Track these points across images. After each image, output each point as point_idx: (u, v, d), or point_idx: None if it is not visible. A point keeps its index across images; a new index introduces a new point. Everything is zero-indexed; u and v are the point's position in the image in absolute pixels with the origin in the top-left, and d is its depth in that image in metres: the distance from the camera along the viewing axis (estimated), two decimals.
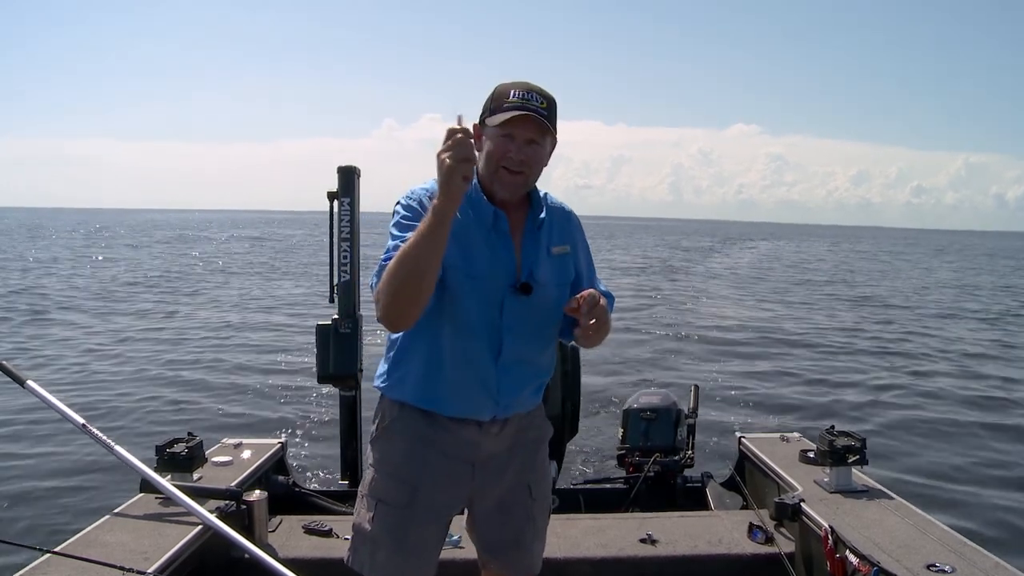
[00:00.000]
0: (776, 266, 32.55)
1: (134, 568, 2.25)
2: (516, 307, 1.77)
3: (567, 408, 3.79)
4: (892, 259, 46.24)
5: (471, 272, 1.76)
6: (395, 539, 1.87)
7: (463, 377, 1.82)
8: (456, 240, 1.67)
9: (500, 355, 1.80)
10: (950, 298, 21.07)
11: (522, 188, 1.80)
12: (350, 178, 3.82)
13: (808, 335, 13.12)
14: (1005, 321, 15.94)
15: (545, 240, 1.85)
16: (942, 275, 31.95)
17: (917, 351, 11.66)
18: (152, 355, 10.76)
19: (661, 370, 9.87)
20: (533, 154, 1.75)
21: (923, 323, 14.88)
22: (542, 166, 1.81)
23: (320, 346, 3.72)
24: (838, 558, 2.47)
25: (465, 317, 1.77)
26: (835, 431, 3.20)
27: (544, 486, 2.05)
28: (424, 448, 1.87)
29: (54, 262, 28.55)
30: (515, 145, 1.73)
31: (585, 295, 1.68)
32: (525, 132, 1.72)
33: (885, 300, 18.76)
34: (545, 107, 1.73)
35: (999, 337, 13.49)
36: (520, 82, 1.76)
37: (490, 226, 1.79)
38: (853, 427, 3.39)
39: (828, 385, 9.13)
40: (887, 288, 23.03)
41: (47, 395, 2.78)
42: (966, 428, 7.25)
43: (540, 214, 1.86)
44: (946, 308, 17.86)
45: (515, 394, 1.86)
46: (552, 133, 1.77)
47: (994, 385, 9.34)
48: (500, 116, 1.71)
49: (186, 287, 20.77)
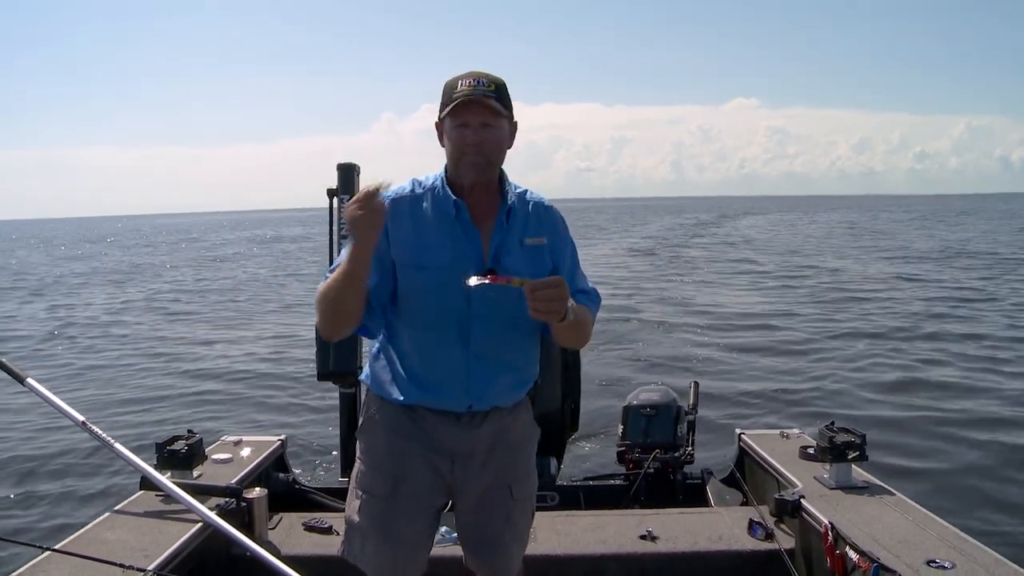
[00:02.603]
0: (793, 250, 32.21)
1: (134, 565, 2.26)
2: (484, 297, 1.77)
3: (567, 405, 3.79)
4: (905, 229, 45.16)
5: (430, 264, 1.78)
6: (381, 530, 1.90)
7: (434, 368, 1.85)
8: (413, 237, 1.80)
9: (469, 343, 1.82)
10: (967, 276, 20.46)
11: (486, 169, 1.82)
12: (350, 175, 3.83)
13: (809, 332, 13.12)
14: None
15: (518, 230, 1.86)
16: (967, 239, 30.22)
17: (918, 348, 11.66)
18: (152, 354, 10.77)
19: (661, 366, 9.87)
20: (489, 136, 1.79)
21: (929, 315, 14.84)
22: (502, 147, 1.84)
23: (320, 343, 3.72)
24: (838, 554, 2.47)
25: (429, 310, 1.81)
26: (835, 427, 3.20)
27: (526, 488, 2.05)
28: (404, 440, 1.89)
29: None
30: (471, 131, 1.77)
31: (547, 280, 1.68)
32: (477, 117, 1.77)
33: (885, 294, 18.71)
34: (493, 90, 1.77)
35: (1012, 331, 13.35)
36: (468, 72, 1.80)
37: (453, 217, 1.82)
38: (853, 423, 3.39)
39: (828, 381, 9.12)
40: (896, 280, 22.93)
41: (47, 392, 2.78)
42: (967, 425, 7.24)
43: (509, 204, 1.87)
44: (960, 292, 17.54)
45: (488, 384, 1.86)
46: (505, 114, 1.80)
47: (997, 379, 9.33)
48: (450, 107, 1.77)
49: (189, 285, 20.76)
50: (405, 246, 1.81)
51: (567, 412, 3.79)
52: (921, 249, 29.06)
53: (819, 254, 28.09)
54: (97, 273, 26.37)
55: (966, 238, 35.40)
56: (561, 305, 1.65)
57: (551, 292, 1.63)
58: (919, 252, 27.72)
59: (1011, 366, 9.81)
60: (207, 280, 23.33)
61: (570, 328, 1.75)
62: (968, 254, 26.50)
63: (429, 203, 1.84)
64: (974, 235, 37.65)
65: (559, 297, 1.64)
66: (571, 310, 1.68)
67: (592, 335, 1.99)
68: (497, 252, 1.83)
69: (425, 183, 1.87)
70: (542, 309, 1.63)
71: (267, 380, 9.02)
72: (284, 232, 65.77)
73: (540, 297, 1.62)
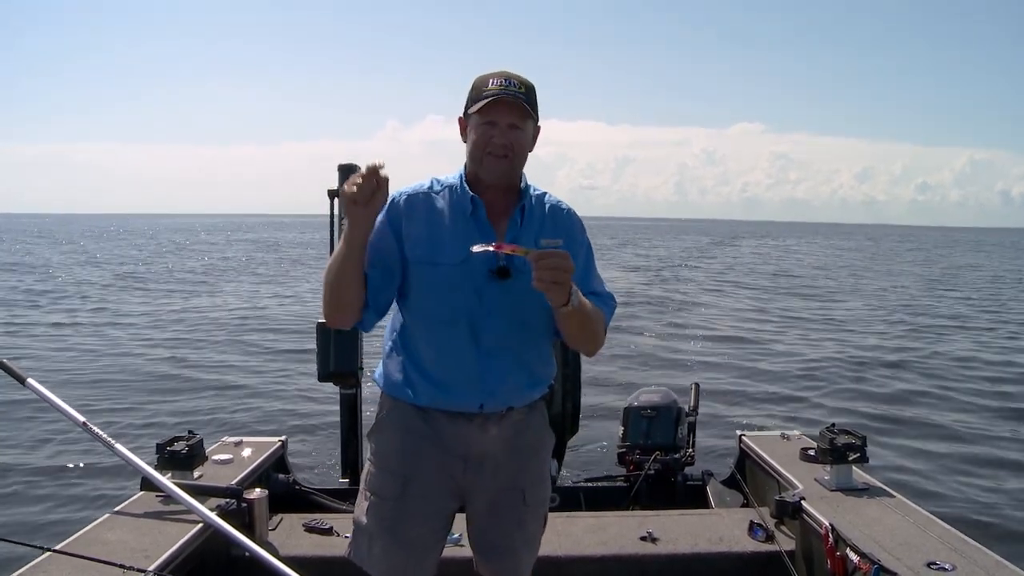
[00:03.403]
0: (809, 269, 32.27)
1: (135, 566, 2.25)
2: (496, 293, 1.77)
3: (568, 406, 3.79)
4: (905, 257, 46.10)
5: (444, 260, 1.78)
6: (390, 532, 1.88)
7: (446, 365, 1.83)
8: (428, 233, 1.80)
9: (481, 341, 1.81)
10: (964, 296, 20.79)
11: (508, 171, 1.82)
12: (350, 176, 3.81)
13: (809, 332, 13.12)
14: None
15: (534, 230, 1.85)
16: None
17: (919, 347, 11.66)
18: (153, 353, 10.77)
19: (662, 368, 9.88)
20: (516, 138, 1.79)
21: (929, 319, 14.87)
22: (526, 150, 1.84)
23: (320, 344, 3.72)
24: (839, 556, 2.47)
25: (442, 307, 1.81)
26: (836, 429, 3.19)
27: (539, 494, 2.02)
28: (416, 441, 1.88)
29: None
30: (497, 130, 1.77)
31: (551, 250, 1.65)
32: (506, 117, 1.76)
33: (888, 300, 18.73)
34: (524, 92, 1.77)
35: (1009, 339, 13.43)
36: (498, 71, 1.80)
37: (469, 215, 1.82)
38: (854, 425, 3.39)
39: (828, 383, 9.13)
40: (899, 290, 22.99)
41: (48, 393, 2.78)
42: (967, 426, 7.25)
43: (527, 204, 1.87)
44: (952, 307, 17.80)
45: (500, 382, 1.84)
46: (532, 117, 1.80)
47: (998, 383, 9.33)
48: (480, 104, 1.76)
49: (188, 286, 20.78)
50: (419, 242, 1.80)
51: (567, 413, 3.79)
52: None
53: (822, 270, 28.11)
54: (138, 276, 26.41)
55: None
56: (565, 276, 1.61)
57: (555, 260, 1.60)
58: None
59: (1012, 368, 9.82)
60: (207, 281, 23.35)
61: (576, 320, 1.73)
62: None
63: (446, 200, 1.84)
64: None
65: (563, 267, 1.61)
66: (575, 294, 1.66)
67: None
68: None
69: (444, 181, 1.88)
70: (546, 278, 1.60)
71: (268, 380, 9.03)
72: (296, 236, 65.81)
73: (543, 265, 1.59)
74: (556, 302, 1.65)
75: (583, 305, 1.72)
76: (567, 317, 1.72)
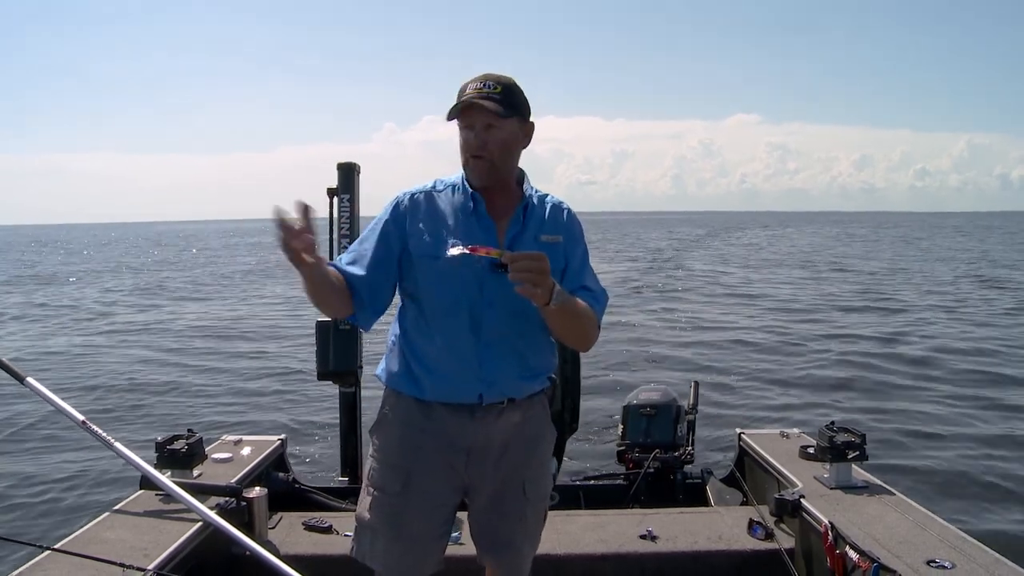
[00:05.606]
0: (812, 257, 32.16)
1: (134, 565, 2.26)
2: (496, 285, 1.79)
3: (567, 404, 3.79)
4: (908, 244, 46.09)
5: (445, 254, 1.79)
6: (392, 527, 1.90)
7: (446, 356, 1.86)
8: (430, 228, 1.85)
9: (481, 331, 1.84)
10: (964, 288, 20.72)
11: (489, 171, 1.85)
12: (350, 174, 3.83)
13: (809, 331, 13.11)
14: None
15: (534, 227, 1.89)
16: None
17: (919, 346, 11.65)
18: (153, 352, 10.77)
19: (661, 366, 9.87)
20: (491, 137, 1.81)
21: (933, 314, 14.84)
22: (509, 147, 1.86)
23: (320, 343, 3.72)
24: (838, 554, 2.47)
25: (443, 299, 1.85)
26: (835, 427, 3.19)
27: (540, 487, 2.04)
28: (417, 435, 1.90)
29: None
30: (474, 132, 1.81)
31: (526, 252, 1.68)
32: (480, 119, 1.80)
33: (890, 294, 18.70)
34: (499, 91, 1.80)
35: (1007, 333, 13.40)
36: (479, 75, 1.83)
37: (470, 211, 1.86)
38: (853, 423, 3.39)
39: (828, 381, 9.12)
40: (896, 281, 22.93)
41: (47, 392, 2.78)
42: (967, 424, 7.24)
43: (527, 201, 1.91)
44: (956, 299, 17.70)
45: (499, 372, 1.87)
46: (513, 114, 1.82)
47: (997, 381, 9.32)
48: (453, 111, 1.81)
49: (188, 287, 20.76)
50: (423, 237, 1.86)
51: (566, 411, 3.79)
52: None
53: (824, 259, 28.09)
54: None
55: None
56: (540, 278, 1.62)
57: (528, 263, 1.62)
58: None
59: (1012, 368, 9.81)
60: (207, 283, 23.35)
61: (561, 318, 1.76)
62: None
63: (448, 198, 1.90)
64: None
65: (538, 269, 1.62)
66: (557, 293, 1.67)
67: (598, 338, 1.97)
68: (512, 245, 1.84)
69: (446, 181, 1.93)
70: (522, 280, 1.62)
71: (268, 379, 9.02)
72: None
73: (518, 268, 1.61)
74: (537, 301, 1.67)
75: (568, 303, 1.74)
76: (551, 316, 1.74)
